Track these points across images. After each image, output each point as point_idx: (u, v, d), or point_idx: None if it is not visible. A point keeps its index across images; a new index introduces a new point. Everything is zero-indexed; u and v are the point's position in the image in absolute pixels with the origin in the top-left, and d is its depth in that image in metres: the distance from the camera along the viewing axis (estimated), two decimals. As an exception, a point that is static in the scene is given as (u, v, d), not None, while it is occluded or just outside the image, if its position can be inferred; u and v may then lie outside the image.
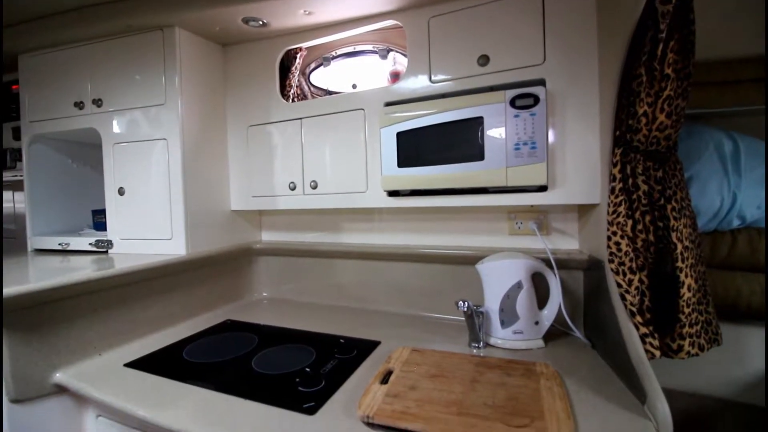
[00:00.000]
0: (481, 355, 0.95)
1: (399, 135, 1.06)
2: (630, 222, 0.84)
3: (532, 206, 1.07)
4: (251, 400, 0.78)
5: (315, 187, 1.25)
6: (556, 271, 1.00)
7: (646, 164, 0.84)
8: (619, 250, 0.83)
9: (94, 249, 1.37)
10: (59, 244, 1.43)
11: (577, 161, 0.94)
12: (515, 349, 0.97)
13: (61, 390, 0.91)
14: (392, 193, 1.12)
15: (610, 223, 0.84)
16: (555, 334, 1.05)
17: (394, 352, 0.94)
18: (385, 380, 0.81)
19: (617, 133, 0.86)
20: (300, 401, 0.76)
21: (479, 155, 0.97)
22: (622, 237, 0.83)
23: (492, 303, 1.00)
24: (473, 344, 0.99)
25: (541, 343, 0.98)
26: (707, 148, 1.05)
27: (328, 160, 1.23)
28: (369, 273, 1.37)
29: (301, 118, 1.27)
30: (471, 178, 0.99)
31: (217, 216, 1.38)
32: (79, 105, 1.36)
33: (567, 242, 1.11)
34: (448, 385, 0.78)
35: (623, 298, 0.80)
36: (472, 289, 1.11)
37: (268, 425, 0.69)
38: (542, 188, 0.96)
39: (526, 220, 1.13)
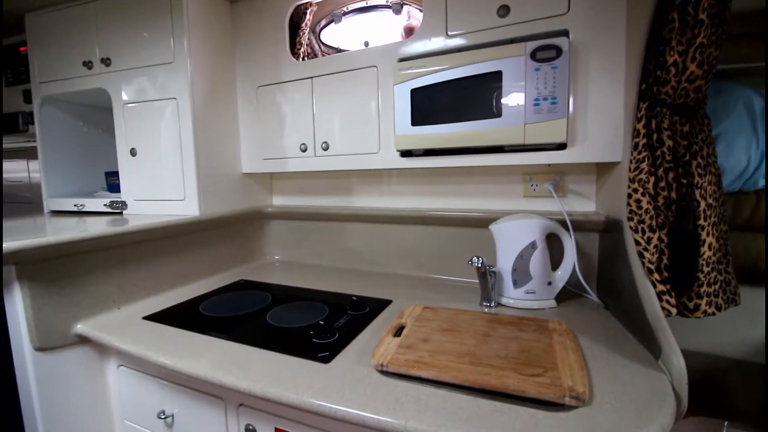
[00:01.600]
0: (493, 312, 0.95)
1: (413, 92, 1.03)
2: (652, 179, 0.81)
3: (549, 165, 1.04)
4: (267, 349, 0.80)
5: (326, 149, 1.23)
6: (571, 231, 0.98)
7: (672, 119, 0.81)
8: (640, 207, 0.81)
9: (109, 210, 1.38)
10: (75, 206, 1.45)
11: (599, 117, 0.91)
12: (527, 308, 0.97)
13: (83, 340, 0.94)
14: (405, 154, 1.10)
15: (632, 180, 0.82)
16: (567, 295, 1.05)
17: (406, 309, 0.94)
18: (397, 333, 0.81)
19: (643, 86, 0.82)
20: (315, 351, 0.78)
21: (496, 112, 0.94)
22: (643, 194, 0.81)
23: (505, 263, 0.99)
24: (485, 303, 0.99)
25: (553, 303, 0.98)
26: (736, 105, 1.00)
27: (339, 121, 1.20)
28: (380, 236, 1.37)
29: (311, 77, 1.24)
30: (487, 135, 0.96)
31: (229, 179, 1.37)
32: (88, 65, 1.35)
33: (583, 204, 1.09)
34: (460, 338, 0.79)
35: (641, 256, 0.79)
36: (484, 251, 1.10)
37: (285, 372, 0.71)
38: (561, 146, 0.93)
39: (541, 181, 1.11)
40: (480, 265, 0.91)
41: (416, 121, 1.03)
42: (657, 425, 0.54)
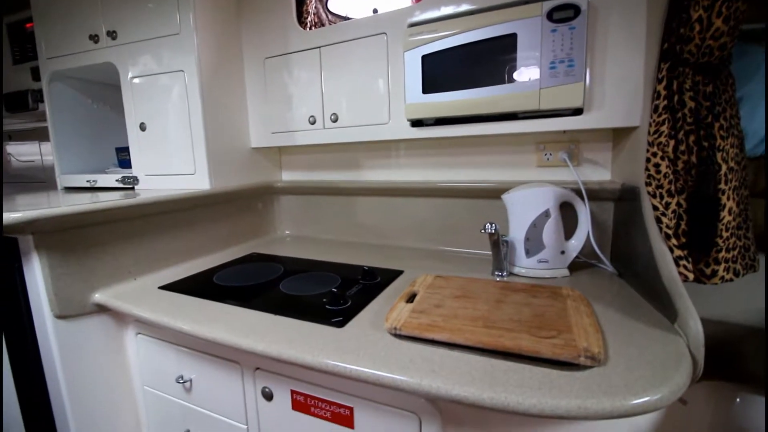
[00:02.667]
0: (505, 281, 0.95)
1: (424, 58, 1.00)
2: (672, 142, 0.79)
3: (564, 132, 1.02)
4: (282, 315, 0.81)
5: (335, 120, 1.22)
6: (586, 200, 0.97)
7: (695, 79, 0.78)
8: (658, 172, 0.79)
9: (121, 186, 1.39)
10: (87, 182, 1.47)
11: (617, 80, 0.88)
12: (539, 277, 0.96)
13: (101, 309, 0.96)
14: (416, 123, 1.08)
15: (651, 144, 0.80)
16: (580, 265, 1.04)
17: (418, 278, 0.94)
18: (410, 300, 0.82)
19: (665, 45, 0.79)
20: (328, 317, 0.78)
21: (510, 77, 0.92)
22: (662, 158, 0.79)
23: (517, 232, 0.98)
24: (497, 273, 0.99)
25: (566, 272, 0.97)
26: (760, 68, 0.96)
27: (348, 91, 1.18)
28: (390, 209, 1.36)
29: (319, 47, 1.21)
30: (501, 102, 0.93)
31: (238, 153, 1.37)
32: (94, 38, 1.33)
33: (598, 173, 1.07)
34: (473, 304, 0.79)
35: (659, 221, 0.78)
36: (496, 222, 1.09)
37: (300, 335, 0.72)
38: (578, 111, 0.91)
39: (555, 150, 1.09)
40: (493, 231, 0.91)
41: (427, 88, 1.01)
42: (673, 384, 0.54)
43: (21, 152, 2.30)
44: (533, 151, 1.13)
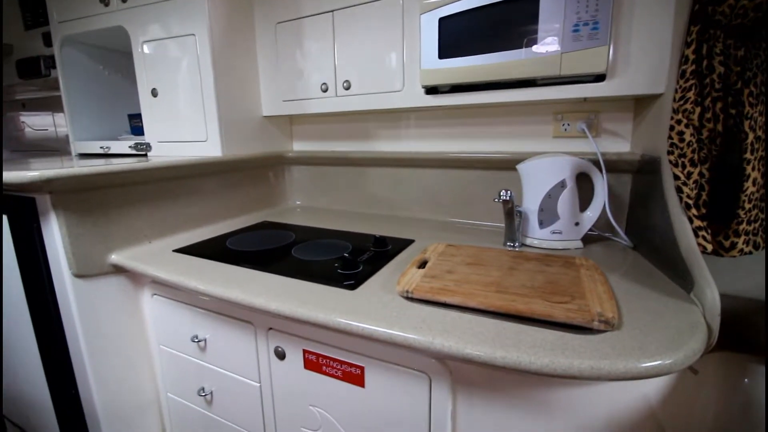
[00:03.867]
0: (517, 250, 0.94)
1: (441, 21, 0.97)
2: (698, 110, 0.76)
3: (585, 100, 0.99)
4: (294, 278, 0.81)
5: (348, 88, 1.19)
6: (604, 171, 0.95)
7: (726, 42, 0.74)
8: (682, 140, 0.77)
9: (134, 152, 1.40)
10: (100, 148, 1.48)
11: (643, 44, 0.84)
12: (552, 248, 0.96)
13: (118, 270, 0.98)
14: (430, 91, 1.06)
15: (675, 111, 0.77)
16: (593, 238, 1.03)
17: (430, 246, 0.94)
18: (421, 266, 0.82)
19: (696, 6, 0.75)
20: (340, 280, 0.79)
21: (531, 40, 0.88)
22: (687, 126, 0.76)
23: (531, 203, 0.97)
24: (509, 244, 0.98)
25: (579, 244, 0.96)
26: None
27: (362, 57, 1.15)
28: (402, 180, 1.35)
29: (332, 11, 1.17)
30: (520, 67, 0.90)
31: (249, 121, 1.36)
32: (105, 1, 1.31)
33: (617, 144, 1.04)
34: (485, 270, 0.78)
35: (679, 191, 0.76)
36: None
37: (313, 296, 0.73)
38: (600, 78, 0.87)
39: (574, 120, 1.06)
40: (508, 198, 0.89)
41: (444, 53, 0.98)
42: (688, 349, 0.54)
43: (35, 122, 2.31)
44: (550, 122, 1.10)
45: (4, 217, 0.90)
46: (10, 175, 0.83)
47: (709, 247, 0.75)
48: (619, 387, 0.63)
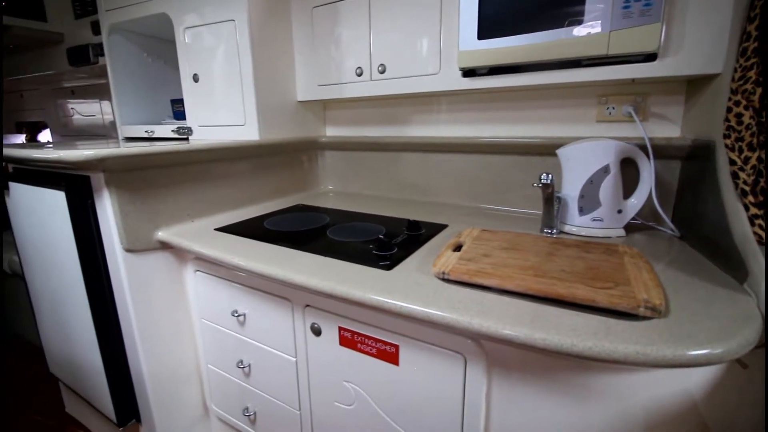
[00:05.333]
0: (555, 237, 0.92)
1: (481, 0, 0.94)
2: (759, 90, 0.71)
3: (633, 81, 0.94)
4: (331, 257, 0.83)
5: (383, 72, 1.19)
6: (651, 156, 0.90)
7: (796, 17, 0.69)
8: (740, 123, 0.72)
9: (176, 137, 1.46)
10: (145, 132, 1.54)
11: (699, 20, 0.79)
12: (592, 236, 0.93)
13: (164, 246, 1.04)
14: (468, 73, 1.04)
15: (734, 92, 0.72)
16: (636, 227, 0.99)
17: (464, 231, 0.94)
18: (457, 249, 0.82)
19: (764, -22, 0.69)
20: (376, 260, 0.80)
21: (577, 18, 0.85)
22: (746, 108, 0.71)
23: (571, 189, 0.94)
24: (546, 230, 0.96)
25: (621, 232, 0.93)
26: None
27: (398, 40, 1.14)
28: (435, 166, 1.34)
29: (370, -7, 1.17)
30: (563, 47, 0.87)
31: (285, 106, 1.38)
32: (150, -12, 1.36)
33: (666, 129, 0.99)
34: (522, 255, 0.77)
35: (735, 177, 0.71)
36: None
37: (350, 275, 0.74)
38: (651, 57, 0.83)
39: (619, 103, 1.01)
40: (549, 182, 0.87)
41: (483, 33, 0.95)
42: (741, 338, 0.51)
43: (83, 109, 2.44)
44: (594, 105, 1.06)
45: (62, 193, 0.96)
46: (68, 154, 0.88)
47: (764, 235, 0.70)
48: (659, 377, 0.61)
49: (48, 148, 1.07)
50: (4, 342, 2.06)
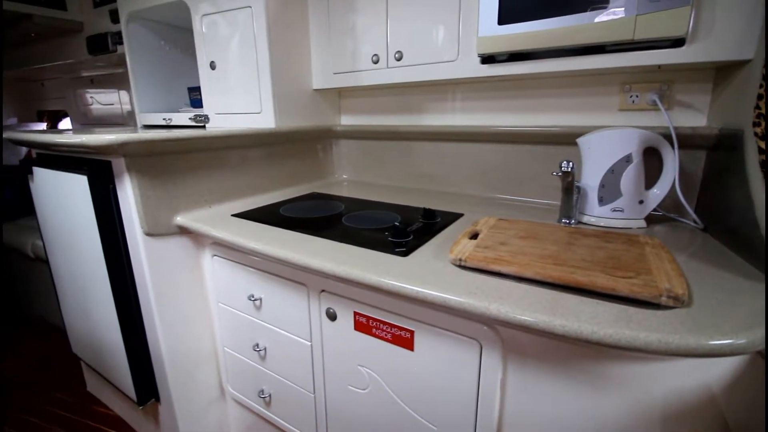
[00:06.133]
0: (573, 227, 0.91)
1: (503, -16, 0.92)
2: (794, 76, 0.68)
3: (659, 68, 0.91)
4: (347, 243, 0.83)
5: (400, 59, 1.18)
6: (675, 145, 0.88)
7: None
8: (772, 110, 0.69)
9: (194, 124, 1.47)
10: (163, 119, 1.56)
11: (730, 5, 0.76)
12: (612, 227, 0.91)
13: (183, 231, 1.06)
14: (486, 60, 1.02)
15: (765, 78, 0.70)
16: (658, 218, 0.97)
17: (480, 219, 0.93)
18: (473, 237, 0.81)
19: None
20: (392, 247, 0.80)
21: (601, 2, 0.82)
22: (779, 94, 0.69)
23: (591, 179, 0.93)
24: (564, 220, 0.95)
25: (642, 223, 0.91)
26: None
27: (415, 27, 1.13)
28: (451, 155, 1.33)
29: (387, -21, 1.15)
30: (587, 31, 0.85)
31: (301, 94, 1.38)
32: (168, -25, 1.36)
33: (692, 118, 0.96)
34: (540, 244, 0.76)
35: (764, 166, 0.69)
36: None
37: (366, 260, 0.74)
38: (679, 42, 0.80)
39: (643, 91, 0.98)
40: (569, 169, 0.86)
41: (504, 18, 0.94)
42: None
43: (102, 98, 2.49)
44: (616, 93, 1.03)
45: (84, 178, 0.99)
46: (90, 138, 0.90)
47: (796, 228, 0.68)
48: (677, 368, 0.61)
49: (70, 133, 1.10)
50: (29, 323, 2.14)
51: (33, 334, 2.02)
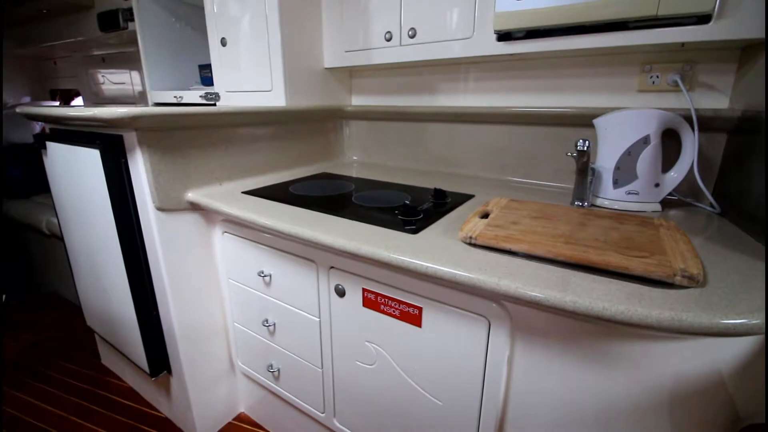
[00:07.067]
0: (587, 209, 0.89)
1: (522, -43, 0.89)
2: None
3: (683, 45, 0.88)
4: (356, 221, 0.83)
5: (413, 36, 1.15)
6: (696, 127, 0.86)
7: None
8: (801, 90, 0.67)
9: (204, 102, 1.47)
10: (174, 97, 1.56)
11: (763, -22, 0.73)
12: (626, 210, 0.90)
13: (194, 207, 1.06)
14: (503, 37, 0.99)
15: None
16: (673, 203, 0.95)
17: (491, 200, 0.92)
18: (484, 217, 0.80)
19: None
20: (402, 225, 0.80)
21: (625, -25, 0.79)
22: (809, 73, 0.66)
23: (606, 161, 0.91)
24: (577, 203, 0.93)
25: (657, 206, 0.90)
26: None
27: (430, 2, 1.09)
28: (463, 137, 1.31)
29: (402, -48, 1.12)
30: (609, 7, 0.82)
31: (312, 73, 1.37)
32: (179, -51, 1.35)
33: (714, 100, 0.93)
34: (552, 224, 0.76)
35: (790, 148, 0.67)
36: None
37: (376, 237, 0.74)
38: (704, 18, 0.77)
39: (665, 72, 0.95)
40: (585, 149, 0.84)
41: (522, -7, 0.91)
42: (787, 310, 0.49)
43: (113, 78, 2.49)
44: (635, 74, 1.00)
45: (97, 152, 0.99)
46: (102, 111, 0.90)
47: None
48: (687, 350, 0.60)
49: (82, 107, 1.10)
50: (45, 300, 2.19)
51: (49, 310, 2.08)
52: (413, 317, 0.75)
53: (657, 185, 0.89)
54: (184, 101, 1.54)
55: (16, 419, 1.35)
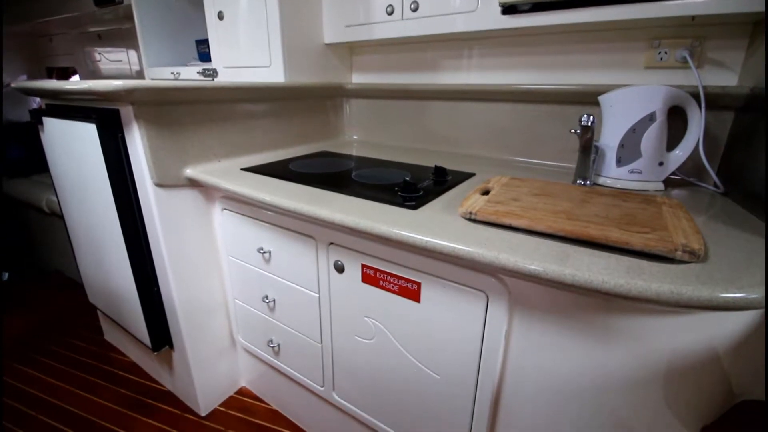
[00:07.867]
0: (588, 187, 0.89)
1: (530, -75, 0.86)
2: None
3: (693, 19, 0.85)
4: (356, 197, 0.83)
5: (416, 9, 1.12)
6: (703, 104, 0.84)
7: None
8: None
9: (202, 78, 1.44)
10: (171, 73, 1.54)
11: (781, -54, 0.70)
12: (628, 189, 0.89)
13: (193, 184, 1.05)
14: (508, 10, 0.97)
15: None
16: (676, 182, 0.94)
17: (492, 178, 0.91)
18: (485, 194, 0.80)
19: None
20: (402, 201, 0.79)
21: (637, -57, 0.76)
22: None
23: (610, 138, 0.89)
24: (579, 181, 0.92)
25: (660, 185, 0.89)
26: None
27: (433, -26, 1.07)
28: (465, 115, 1.29)
29: None
30: (618, -23, 0.79)
31: (312, 49, 1.34)
32: None
33: (723, 77, 0.91)
34: (553, 200, 0.75)
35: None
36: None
37: (375, 212, 0.74)
38: (717, -12, 0.75)
39: (673, 47, 0.93)
40: (589, 124, 0.82)
41: (529, -37, 0.88)
42: (788, 285, 0.49)
43: (110, 56, 2.44)
44: (643, 49, 0.97)
45: (93, 126, 0.98)
46: (98, 84, 0.88)
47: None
48: (685, 325, 0.60)
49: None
50: (47, 278, 2.21)
51: (51, 288, 2.10)
52: (412, 292, 0.75)
53: (661, 164, 0.87)
54: (181, 78, 1.52)
55: (23, 392, 1.38)
